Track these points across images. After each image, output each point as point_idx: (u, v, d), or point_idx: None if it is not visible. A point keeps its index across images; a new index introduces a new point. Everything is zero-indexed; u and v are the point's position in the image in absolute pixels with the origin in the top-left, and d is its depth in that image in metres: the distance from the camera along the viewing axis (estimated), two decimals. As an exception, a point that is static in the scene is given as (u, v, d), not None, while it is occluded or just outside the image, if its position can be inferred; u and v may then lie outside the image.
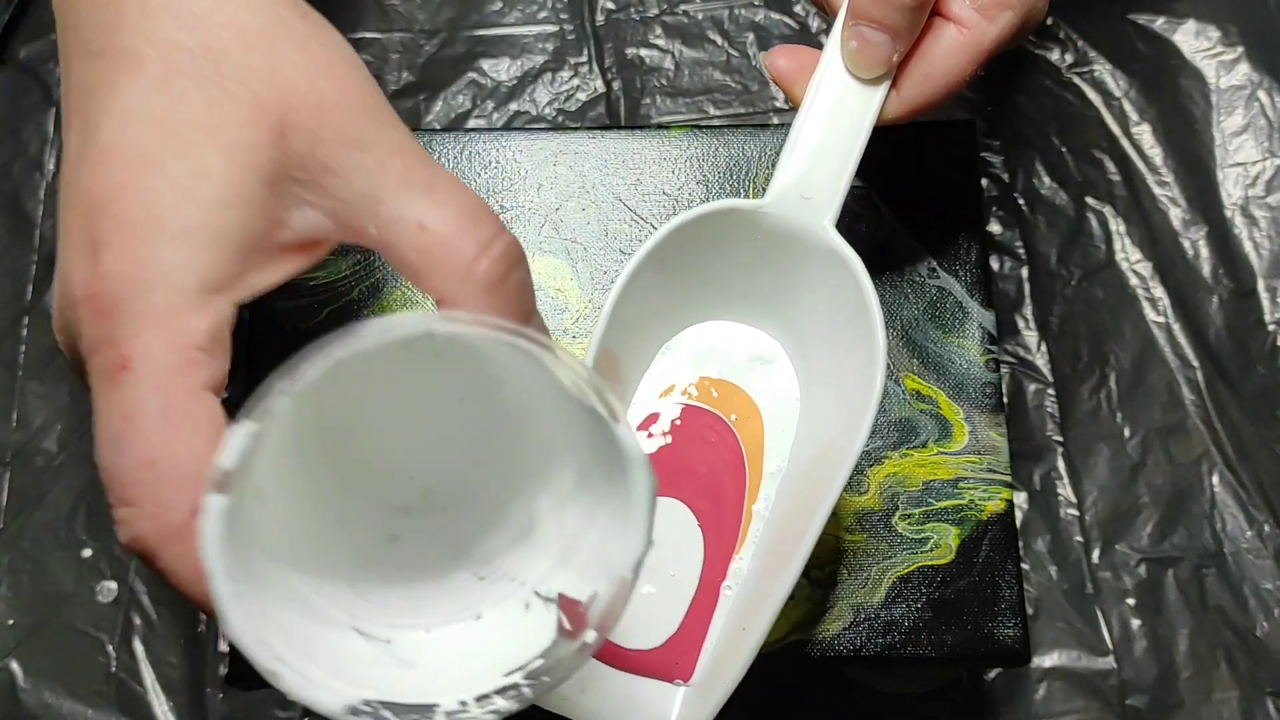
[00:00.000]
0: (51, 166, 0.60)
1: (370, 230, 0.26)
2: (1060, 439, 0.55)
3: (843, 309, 0.33)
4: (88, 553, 0.54)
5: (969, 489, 0.38)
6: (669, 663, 0.34)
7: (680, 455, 0.36)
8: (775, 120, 0.60)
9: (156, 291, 0.24)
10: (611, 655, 0.34)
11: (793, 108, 0.34)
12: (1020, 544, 0.53)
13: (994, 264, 0.57)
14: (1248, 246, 0.57)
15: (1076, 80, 0.60)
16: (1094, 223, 0.58)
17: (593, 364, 0.32)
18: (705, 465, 0.36)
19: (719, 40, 0.62)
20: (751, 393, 0.36)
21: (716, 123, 0.60)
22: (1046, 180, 0.59)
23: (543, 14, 0.62)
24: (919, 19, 0.33)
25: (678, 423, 0.36)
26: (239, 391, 0.56)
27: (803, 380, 0.36)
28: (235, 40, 0.26)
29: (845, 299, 0.33)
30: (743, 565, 0.35)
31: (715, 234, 0.34)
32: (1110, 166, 0.59)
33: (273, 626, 0.23)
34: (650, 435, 0.36)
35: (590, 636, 0.24)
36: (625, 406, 0.36)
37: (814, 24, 0.61)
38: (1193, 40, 0.60)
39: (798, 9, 0.62)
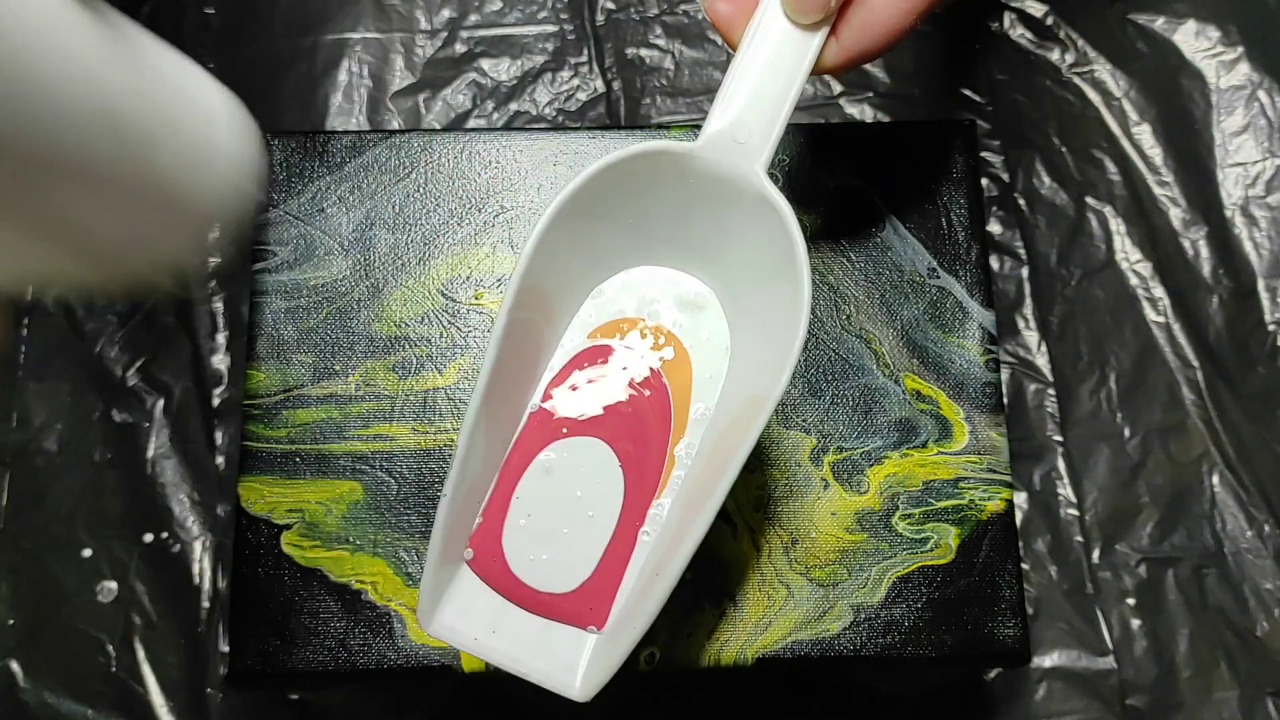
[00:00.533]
0: (51, 166, 0.60)
1: None
2: (1060, 439, 0.55)
3: (772, 256, 0.33)
4: (88, 553, 0.53)
5: (969, 489, 0.38)
6: (582, 609, 0.33)
7: (606, 396, 0.35)
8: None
9: None
10: (525, 598, 0.33)
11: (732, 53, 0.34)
12: (1020, 544, 0.53)
13: (994, 264, 0.57)
14: (1248, 246, 0.57)
15: (1076, 80, 0.60)
16: (1094, 223, 0.58)
17: (514, 298, 0.32)
18: (631, 407, 0.35)
19: (719, 40, 0.62)
20: (681, 337, 0.36)
21: (716, 123, 0.60)
22: (1046, 180, 0.59)
23: (543, 14, 0.62)
24: None
25: (605, 364, 0.36)
26: (237, 395, 0.57)
27: (733, 326, 0.36)
28: None
29: (775, 246, 0.33)
30: (661, 511, 0.35)
31: (646, 176, 0.33)
32: (1110, 166, 0.59)
33: None
34: (578, 374, 0.36)
35: None
36: (555, 347, 0.36)
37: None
38: (1193, 40, 0.60)
39: (798, 9, 0.62)
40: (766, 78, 0.33)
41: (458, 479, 0.31)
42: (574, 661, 0.33)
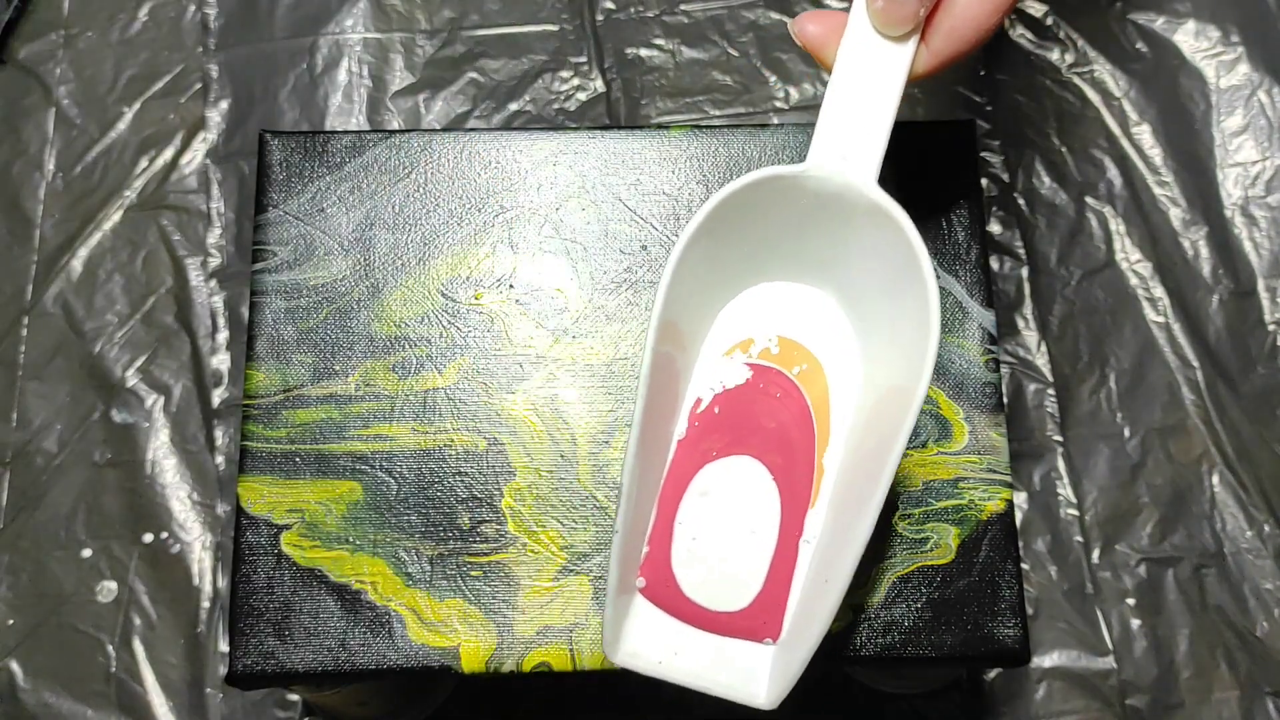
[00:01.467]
0: (51, 166, 0.60)
1: None
2: (1060, 439, 0.55)
3: (892, 260, 0.34)
4: (88, 553, 0.54)
5: (969, 489, 0.38)
6: (756, 623, 0.34)
7: (748, 412, 0.36)
8: (775, 120, 0.60)
9: None
10: (699, 619, 0.34)
11: (826, 72, 0.35)
12: (1020, 544, 0.53)
13: (994, 264, 0.57)
14: (1248, 246, 0.57)
15: (1076, 80, 0.60)
16: (1094, 223, 0.58)
17: (655, 336, 0.33)
18: (774, 420, 0.36)
19: (719, 40, 0.62)
20: (812, 348, 0.37)
21: (716, 123, 0.60)
22: (1046, 180, 0.59)
23: (543, 14, 0.62)
24: None
25: (743, 381, 0.37)
26: (237, 395, 0.57)
27: (860, 332, 0.37)
28: None
29: (894, 251, 0.34)
30: (818, 518, 0.35)
31: (761, 202, 0.34)
32: (1110, 166, 0.59)
33: None
34: (717, 396, 0.37)
35: None
36: (690, 373, 0.37)
37: (814, 24, 0.61)
38: (1193, 40, 0.60)
39: (798, 9, 0.62)
40: (864, 92, 0.34)
41: (625, 514, 0.32)
42: (756, 673, 0.34)
